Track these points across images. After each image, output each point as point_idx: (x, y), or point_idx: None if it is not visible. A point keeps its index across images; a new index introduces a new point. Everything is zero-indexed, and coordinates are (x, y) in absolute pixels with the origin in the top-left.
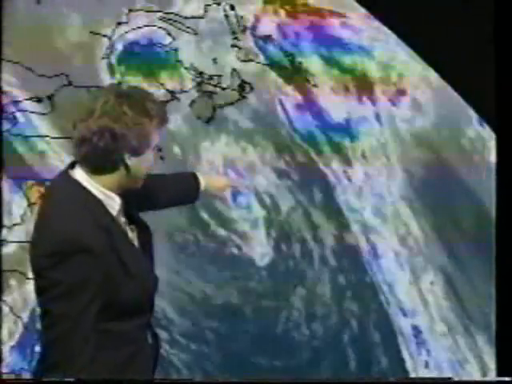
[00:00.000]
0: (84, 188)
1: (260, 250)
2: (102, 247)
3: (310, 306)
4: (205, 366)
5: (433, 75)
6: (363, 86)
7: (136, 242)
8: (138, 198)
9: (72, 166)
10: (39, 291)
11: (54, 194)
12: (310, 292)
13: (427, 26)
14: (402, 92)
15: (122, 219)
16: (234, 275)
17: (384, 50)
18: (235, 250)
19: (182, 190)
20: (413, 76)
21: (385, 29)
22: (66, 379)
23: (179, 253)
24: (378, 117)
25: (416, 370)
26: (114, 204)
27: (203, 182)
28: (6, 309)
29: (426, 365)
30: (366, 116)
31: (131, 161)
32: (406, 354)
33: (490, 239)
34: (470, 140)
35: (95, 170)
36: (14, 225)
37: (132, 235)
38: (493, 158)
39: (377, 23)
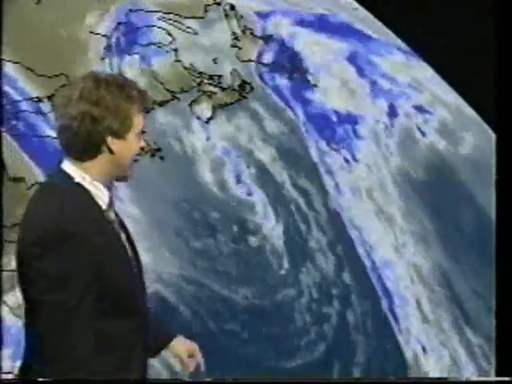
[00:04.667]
0: (71, 177)
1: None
2: (89, 234)
3: (310, 307)
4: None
5: (432, 74)
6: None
7: (124, 239)
8: None
9: (61, 159)
10: (28, 282)
11: (42, 187)
12: (310, 293)
13: (427, 26)
14: (401, 92)
15: (111, 214)
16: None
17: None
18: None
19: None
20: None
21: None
22: (65, 378)
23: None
24: (377, 117)
25: (416, 370)
26: (102, 196)
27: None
28: (5, 309)
29: (426, 365)
30: (367, 116)
31: (114, 144)
32: (406, 354)
33: (490, 240)
34: (470, 140)
35: (79, 156)
36: (14, 225)
37: (120, 232)
38: (493, 158)
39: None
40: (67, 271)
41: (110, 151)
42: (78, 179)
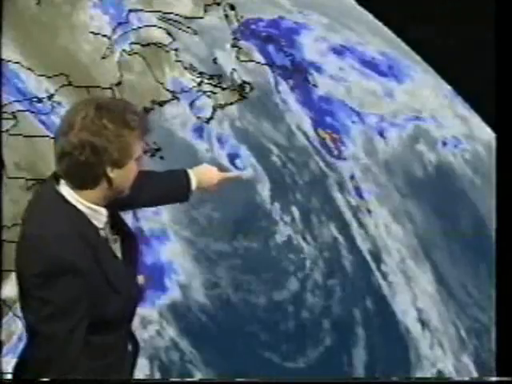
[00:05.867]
0: (69, 203)
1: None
2: (88, 266)
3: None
4: (205, 366)
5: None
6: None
7: (119, 254)
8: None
9: (57, 178)
10: (28, 311)
11: (39, 210)
12: (313, 293)
13: (427, 26)
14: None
15: (108, 230)
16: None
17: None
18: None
19: (170, 188)
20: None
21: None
22: (63, 379)
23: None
24: (379, 118)
25: (416, 370)
26: (100, 217)
27: (195, 181)
28: (5, 309)
29: (427, 364)
30: (367, 117)
31: (114, 173)
32: (406, 354)
33: (490, 239)
34: (470, 140)
35: (78, 184)
36: (14, 225)
37: (115, 246)
38: (493, 158)
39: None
40: (65, 304)
41: (109, 182)
42: (76, 204)
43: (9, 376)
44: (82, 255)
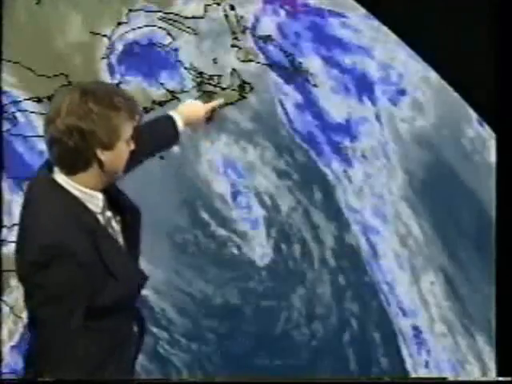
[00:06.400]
0: (64, 189)
1: (260, 250)
2: (85, 251)
3: (309, 306)
4: (205, 365)
5: (433, 75)
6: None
7: (120, 237)
8: None
9: (50, 166)
10: (26, 297)
11: (34, 197)
12: (309, 292)
13: (427, 26)
14: (401, 92)
15: (107, 213)
16: (234, 275)
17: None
18: (235, 250)
19: (158, 136)
20: (413, 76)
21: (385, 29)
22: (65, 379)
23: (179, 253)
24: (378, 117)
25: (416, 370)
26: (96, 202)
27: (181, 120)
28: (6, 309)
29: (426, 365)
30: (366, 116)
31: (104, 155)
32: (406, 354)
33: (489, 239)
34: (470, 140)
35: (70, 169)
36: (14, 225)
37: (117, 228)
38: (493, 158)
39: (377, 23)
40: (61, 288)
41: (100, 164)
42: (71, 190)
43: (8, 376)
44: (79, 240)
